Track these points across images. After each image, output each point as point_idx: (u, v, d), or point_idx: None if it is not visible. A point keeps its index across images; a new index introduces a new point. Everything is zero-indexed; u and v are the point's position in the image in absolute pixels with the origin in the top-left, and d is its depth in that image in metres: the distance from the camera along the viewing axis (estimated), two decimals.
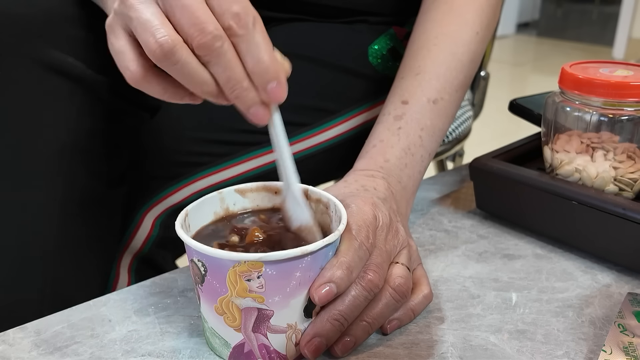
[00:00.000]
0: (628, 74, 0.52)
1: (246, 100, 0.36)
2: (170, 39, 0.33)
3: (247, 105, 0.36)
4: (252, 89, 0.36)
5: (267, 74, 0.35)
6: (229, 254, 0.35)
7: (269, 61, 0.35)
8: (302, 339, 0.38)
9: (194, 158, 0.59)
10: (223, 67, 0.34)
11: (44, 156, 0.52)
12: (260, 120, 0.37)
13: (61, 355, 0.40)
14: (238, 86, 0.35)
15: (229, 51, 0.34)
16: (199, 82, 0.35)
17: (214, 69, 0.35)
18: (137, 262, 0.61)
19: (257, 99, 0.36)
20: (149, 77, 0.36)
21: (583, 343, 0.41)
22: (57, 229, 0.53)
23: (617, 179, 0.52)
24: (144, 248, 0.60)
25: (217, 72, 0.35)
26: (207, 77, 0.35)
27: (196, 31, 0.33)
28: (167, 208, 0.59)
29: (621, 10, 3.98)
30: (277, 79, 0.36)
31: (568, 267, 0.51)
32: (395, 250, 0.42)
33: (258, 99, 0.36)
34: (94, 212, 0.56)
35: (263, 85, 0.36)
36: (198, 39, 0.33)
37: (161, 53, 0.33)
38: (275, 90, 0.36)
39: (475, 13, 0.58)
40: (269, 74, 0.35)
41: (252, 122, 0.37)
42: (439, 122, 0.54)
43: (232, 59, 0.34)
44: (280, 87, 0.36)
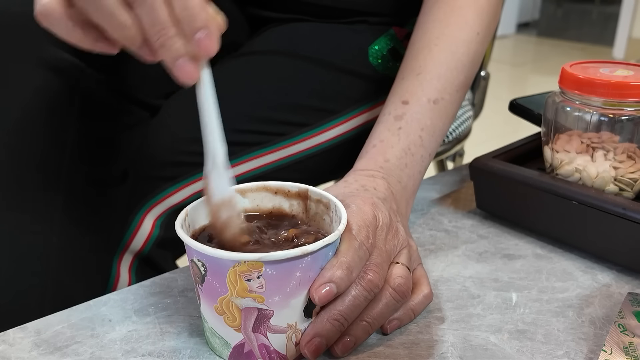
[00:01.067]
0: (628, 74, 0.52)
1: (172, 50, 0.32)
2: None
3: (172, 56, 0.33)
4: (179, 38, 0.32)
5: (195, 21, 0.32)
6: (229, 254, 0.35)
7: (199, 7, 0.32)
8: (302, 339, 0.38)
9: (195, 158, 0.59)
10: (148, 8, 0.31)
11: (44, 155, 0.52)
12: (187, 76, 0.33)
13: (61, 355, 0.40)
14: (163, 32, 0.32)
15: None
16: (117, 23, 0.32)
17: (137, 10, 0.32)
18: (137, 262, 0.61)
19: (184, 51, 0.33)
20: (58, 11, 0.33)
21: (583, 343, 0.41)
22: (58, 228, 0.53)
23: (617, 179, 0.52)
24: (145, 248, 0.60)
25: (141, 14, 0.32)
26: (127, 20, 0.32)
27: None
28: (168, 208, 0.59)
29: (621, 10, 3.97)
30: (207, 27, 0.32)
31: (568, 267, 0.51)
32: (395, 250, 0.42)
33: (183, 49, 0.33)
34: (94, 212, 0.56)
35: (190, 34, 0.32)
36: None
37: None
38: (204, 40, 0.33)
39: (476, 13, 0.58)
40: (198, 22, 0.32)
41: (179, 81, 0.34)
42: (439, 122, 0.54)
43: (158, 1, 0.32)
44: (210, 37, 0.33)
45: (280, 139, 0.62)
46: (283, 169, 0.63)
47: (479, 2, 0.58)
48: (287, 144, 0.62)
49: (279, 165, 0.62)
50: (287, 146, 0.62)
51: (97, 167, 0.56)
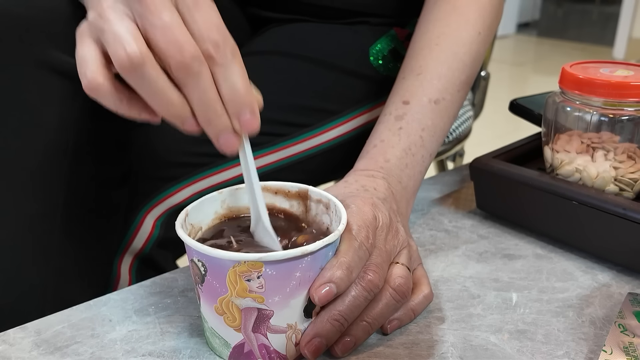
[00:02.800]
0: (628, 74, 0.52)
1: (217, 125, 0.35)
2: (140, 52, 0.32)
3: (218, 131, 0.35)
4: (225, 115, 0.35)
5: (242, 103, 0.35)
6: (229, 254, 0.35)
7: (245, 90, 0.35)
8: (302, 339, 0.38)
9: (195, 159, 0.59)
10: (199, 90, 0.34)
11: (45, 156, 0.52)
12: (230, 148, 0.36)
13: (61, 355, 0.40)
14: (211, 110, 0.34)
15: (206, 74, 0.34)
16: (165, 102, 0.34)
17: (188, 91, 0.34)
18: (138, 263, 0.61)
19: (229, 126, 0.35)
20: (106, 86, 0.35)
21: (583, 343, 0.41)
22: (58, 229, 0.53)
23: (617, 179, 0.52)
24: (145, 248, 0.60)
25: (191, 94, 0.34)
26: (175, 98, 0.34)
27: (175, 50, 0.32)
28: (168, 208, 0.59)
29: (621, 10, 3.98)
30: (251, 109, 0.35)
31: (568, 267, 0.51)
32: (395, 250, 0.42)
33: (230, 126, 0.35)
34: (95, 212, 0.56)
35: (237, 114, 0.35)
36: (176, 59, 0.33)
37: (129, 65, 0.32)
38: (248, 120, 0.35)
39: (477, 13, 0.58)
40: (244, 104, 0.35)
41: (221, 151, 0.36)
42: (440, 122, 0.54)
43: (208, 82, 0.34)
44: (254, 117, 0.35)
45: (281, 140, 0.62)
46: (283, 169, 0.63)
47: (480, 1, 0.58)
48: (288, 144, 0.62)
49: (279, 166, 0.62)
50: (287, 146, 0.62)
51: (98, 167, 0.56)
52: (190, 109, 0.35)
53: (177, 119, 0.35)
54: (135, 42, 0.33)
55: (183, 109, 0.35)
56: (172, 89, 0.34)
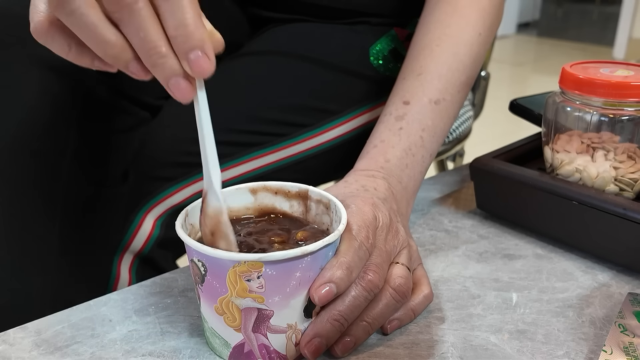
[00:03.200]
0: (628, 74, 0.52)
1: (164, 69, 0.31)
2: None
3: (165, 75, 0.31)
4: (172, 56, 0.31)
5: (190, 40, 0.30)
6: (229, 254, 0.35)
7: (194, 25, 0.30)
8: (302, 339, 0.38)
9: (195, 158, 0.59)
10: (136, 26, 0.30)
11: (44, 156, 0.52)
12: (182, 95, 0.32)
13: (61, 355, 0.40)
14: (154, 51, 0.30)
15: (144, 8, 0.30)
16: (100, 41, 0.30)
17: (126, 28, 0.30)
18: (138, 263, 0.61)
19: (178, 69, 0.31)
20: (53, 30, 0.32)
21: (583, 343, 0.41)
22: (58, 229, 0.53)
23: (617, 179, 0.52)
24: (145, 248, 0.60)
25: (129, 33, 0.30)
26: (113, 38, 0.30)
27: None
28: (168, 208, 0.59)
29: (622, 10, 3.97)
30: (202, 47, 0.30)
31: (568, 267, 0.51)
32: (395, 250, 0.42)
33: (179, 69, 0.31)
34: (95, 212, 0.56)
35: (185, 53, 0.30)
36: None
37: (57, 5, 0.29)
38: (199, 61, 0.31)
39: (478, 14, 0.58)
40: (193, 41, 0.30)
41: (174, 97, 0.32)
42: (440, 122, 0.54)
43: (147, 18, 0.30)
44: (206, 58, 0.31)
45: (281, 140, 0.62)
46: (283, 170, 0.63)
47: (481, 3, 0.58)
48: (288, 144, 0.62)
49: (279, 166, 0.62)
50: (287, 146, 0.62)
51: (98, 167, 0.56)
52: (132, 50, 0.31)
53: (118, 61, 0.31)
54: None
55: (123, 50, 0.31)
56: (108, 26, 0.30)
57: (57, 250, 0.53)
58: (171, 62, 0.31)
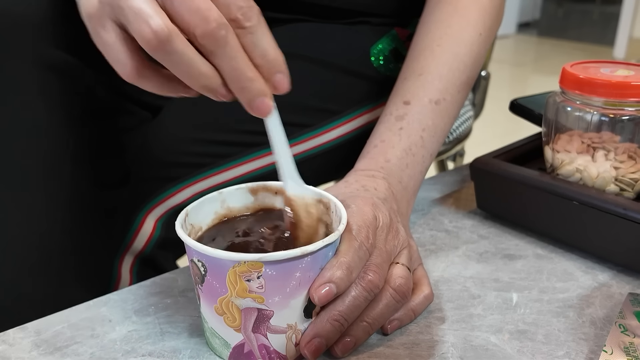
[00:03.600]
0: (629, 73, 0.52)
1: (251, 91, 0.35)
2: (166, 27, 0.32)
3: (252, 96, 0.35)
4: (258, 79, 0.35)
5: (274, 65, 0.35)
6: (229, 254, 0.35)
7: (275, 52, 0.35)
8: (302, 339, 0.38)
9: (196, 159, 0.59)
10: (229, 57, 0.33)
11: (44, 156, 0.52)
12: (265, 111, 0.36)
13: (61, 355, 0.40)
14: (243, 77, 0.34)
15: (233, 40, 0.33)
16: (196, 74, 0.34)
17: (217, 59, 0.34)
18: (138, 263, 0.61)
19: (264, 90, 0.35)
20: (145, 71, 0.35)
21: (584, 343, 0.41)
22: (59, 229, 0.53)
23: (617, 179, 0.52)
24: (146, 249, 0.60)
25: (221, 63, 0.34)
26: (206, 69, 0.34)
27: (199, 19, 0.32)
28: (169, 209, 0.59)
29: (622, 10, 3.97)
30: (282, 70, 0.36)
31: (569, 267, 0.51)
32: (395, 250, 0.42)
33: (264, 90, 0.35)
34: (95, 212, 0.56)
35: (270, 76, 0.35)
36: (201, 27, 0.32)
37: (156, 42, 0.32)
38: (281, 80, 0.36)
39: (478, 14, 0.58)
40: (276, 65, 0.35)
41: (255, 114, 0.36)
42: (440, 122, 0.54)
43: (237, 48, 0.33)
44: (286, 77, 0.36)
45: None
46: None
47: (481, 2, 0.58)
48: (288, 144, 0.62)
49: None
50: None
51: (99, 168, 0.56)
52: (221, 78, 0.34)
53: (209, 89, 0.35)
54: (158, 16, 0.32)
55: (214, 79, 0.34)
56: (201, 60, 0.34)
57: (57, 250, 0.53)
58: (257, 85, 0.35)
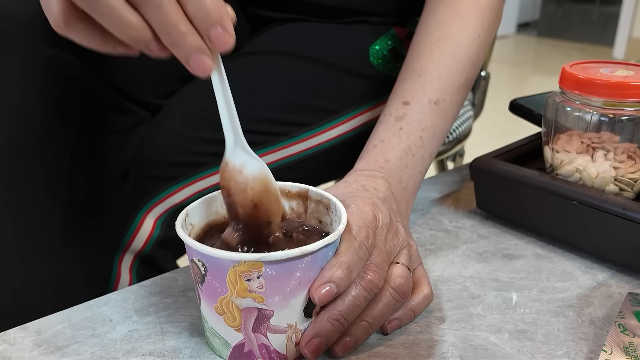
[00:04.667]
0: (628, 74, 0.52)
1: (185, 46, 0.32)
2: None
3: (186, 52, 0.32)
4: (192, 33, 0.32)
5: (210, 17, 0.31)
6: (229, 254, 0.35)
7: (212, 2, 0.31)
8: (302, 339, 0.38)
9: (195, 158, 0.59)
10: (154, 6, 0.31)
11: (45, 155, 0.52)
12: (203, 70, 0.33)
13: (62, 354, 0.40)
14: (174, 29, 0.31)
15: None
16: (122, 25, 0.31)
17: (144, 10, 0.31)
18: (138, 262, 0.61)
19: (199, 45, 0.32)
20: (74, 21, 0.32)
21: (583, 343, 0.41)
22: (58, 229, 0.53)
23: (617, 179, 0.52)
24: (146, 248, 0.60)
25: (148, 14, 0.31)
26: (134, 20, 0.31)
27: None
28: (169, 208, 0.59)
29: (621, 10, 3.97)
30: (222, 23, 0.32)
31: (568, 267, 0.51)
32: (395, 250, 0.42)
33: (200, 45, 0.32)
34: (95, 212, 0.56)
35: (206, 31, 0.32)
36: None
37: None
38: (220, 36, 0.32)
39: (477, 15, 0.58)
40: (213, 17, 0.31)
41: (194, 73, 0.33)
42: (440, 122, 0.54)
43: None
44: (227, 33, 0.32)
45: (281, 139, 0.62)
46: (283, 169, 0.63)
47: (480, 4, 0.58)
48: (288, 144, 0.62)
49: (279, 165, 0.62)
50: (287, 146, 0.62)
51: (98, 167, 0.56)
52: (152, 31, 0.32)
53: (140, 43, 0.32)
54: None
55: (143, 31, 0.32)
56: (129, 10, 0.31)
57: (57, 250, 0.53)
58: (190, 40, 0.32)
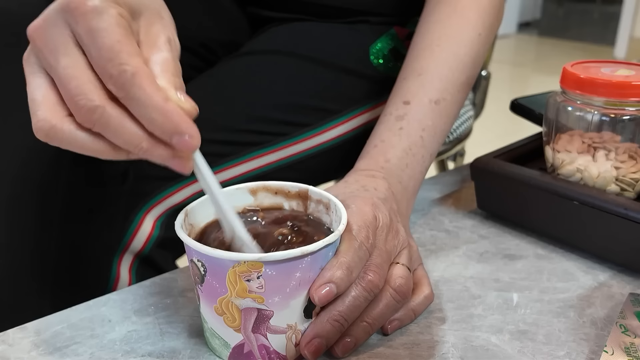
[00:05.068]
0: (630, 73, 0.52)
1: (156, 157, 0.33)
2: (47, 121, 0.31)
3: (161, 161, 0.33)
4: (156, 145, 0.32)
5: (166, 130, 0.32)
6: (229, 254, 0.35)
7: (161, 117, 0.31)
8: (302, 339, 0.38)
9: None
10: (113, 135, 0.32)
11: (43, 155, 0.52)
12: (183, 170, 0.34)
13: (61, 355, 0.40)
14: (138, 148, 0.32)
15: (112, 117, 0.31)
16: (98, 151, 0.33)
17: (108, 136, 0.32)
18: (137, 263, 0.61)
19: (166, 153, 0.33)
20: None
21: (584, 343, 0.41)
22: (57, 229, 0.53)
23: (618, 179, 0.52)
24: (145, 248, 0.60)
25: (112, 139, 0.32)
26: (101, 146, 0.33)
27: (73, 106, 0.31)
28: (168, 208, 0.59)
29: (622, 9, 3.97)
30: (180, 131, 0.32)
31: (569, 267, 0.51)
32: (395, 250, 0.42)
33: (168, 154, 0.33)
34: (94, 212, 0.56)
35: (168, 141, 0.32)
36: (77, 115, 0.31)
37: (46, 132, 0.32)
38: (182, 142, 0.32)
39: (478, 14, 0.58)
40: (169, 130, 0.32)
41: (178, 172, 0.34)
42: (440, 122, 0.54)
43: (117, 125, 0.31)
44: (187, 137, 0.32)
45: (281, 139, 0.62)
46: (283, 169, 0.62)
47: (481, 2, 0.58)
48: (288, 143, 0.62)
49: (279, 165, 0.62)
50: (287, 146, 0.62)
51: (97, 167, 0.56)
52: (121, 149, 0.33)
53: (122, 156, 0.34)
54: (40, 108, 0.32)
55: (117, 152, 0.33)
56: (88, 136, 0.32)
57: (56, 250, 0.53)
58: (158, 152, 0.33)
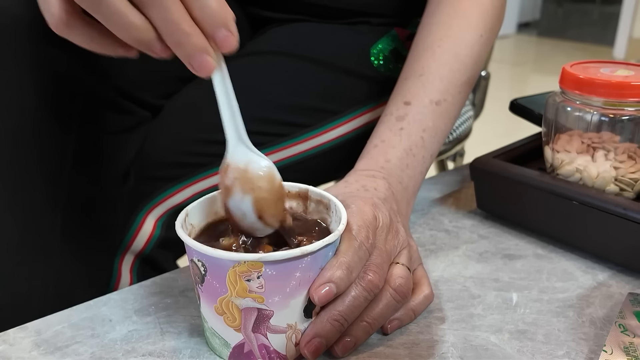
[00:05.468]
0: (629, 74, 0.52)
1: (189, 46, 0.32)
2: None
3: (190, 53, 0.32)
4: (197, 34, 0.32)
5: (215, 19, 0.31)
6: (229, 254, 0.35)
7: (217, 5, 0.31)
8: (302, 339, 0.38)
9: (196, 159, 0.59)
10: (160, 7, 0.30)
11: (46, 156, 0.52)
12: (206, 71, 0.33)
13: (62, 355, 0.40)
14: (177, 29, 0.31)
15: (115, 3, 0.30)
16: (126, 26, 0.31)
17: (148, 10, 0.31)
18: (139, 263, 0.61)
19: (203, 45, 0.32)
20: (74, 22, 0.32)
21: (584, 343, 0.41)
22: (58, 229, 0.53)
23: (617, 179, 0.52)
24: (146, 249, 0.60)
25: (152, 14, 0.31)
26: (136, 20, 0.31)
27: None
28: (169, 209, 0.59)
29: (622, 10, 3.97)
30: (227, 25, 0.32)
31: (569, 267, 0.51)
32: (395, 250, 0.42)
33: (204, 45, 0.32)
34: (96, 212, 0.56)
35: (211, 32, 0.32)
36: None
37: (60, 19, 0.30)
38: (226, 37, 0.32)
39: (479, 16, 0.58)
40: (218, 19, 0.31)
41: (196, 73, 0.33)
42: (441, 123, 0.54)
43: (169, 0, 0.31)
44: (231, 34, 0.32)
45: (282, 140, 0.62)
46: (284, 170, 0.62)
47: (482, 4, 0.58)
48: (289, 144, 0.62)
49: (279, 166, 0.62)
50: (288, 147, 0.62)
51: (99, 168, 0.56)
52: (155, 31, 0.32)
53: (142, 44, 0.32)
54: None
55: (147, 32, 0.32)
56: (133, 11, 0.31)
57: (58, 250, 0.53)
58: (195, 40, 0.32)
